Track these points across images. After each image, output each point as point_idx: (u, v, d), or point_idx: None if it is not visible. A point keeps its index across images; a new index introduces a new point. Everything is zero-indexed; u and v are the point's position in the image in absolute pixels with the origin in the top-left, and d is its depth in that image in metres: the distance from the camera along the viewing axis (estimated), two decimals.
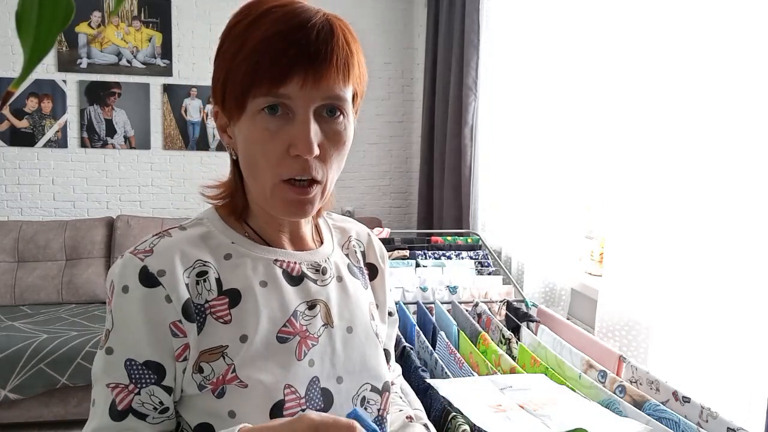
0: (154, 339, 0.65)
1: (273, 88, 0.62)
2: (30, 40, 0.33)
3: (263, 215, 0.74)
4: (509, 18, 2.47)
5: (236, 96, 0.64)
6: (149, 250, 0.67)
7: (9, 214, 3.55)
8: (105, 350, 0.66)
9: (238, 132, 0.67)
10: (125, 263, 0.66)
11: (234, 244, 0.72)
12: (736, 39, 1.30)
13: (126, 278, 0.65)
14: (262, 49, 0.61)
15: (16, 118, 3.49)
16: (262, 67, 0.61)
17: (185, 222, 0.74)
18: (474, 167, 2.77)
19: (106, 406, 0.65)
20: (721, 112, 1.34)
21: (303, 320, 0.72)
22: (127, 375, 0.65)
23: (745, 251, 1.31)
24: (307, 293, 0.74)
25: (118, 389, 0.65)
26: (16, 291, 3.18)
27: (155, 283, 0.65)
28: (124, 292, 0.65)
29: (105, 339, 0.67)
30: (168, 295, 0.65)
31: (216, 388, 0.66)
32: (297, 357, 0.69)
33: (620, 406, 1.11)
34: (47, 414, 2.64)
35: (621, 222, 1.66)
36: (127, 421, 0.65)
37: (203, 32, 3.66)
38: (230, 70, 0.64)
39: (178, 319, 0.65)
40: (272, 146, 0.64)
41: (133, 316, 0.65)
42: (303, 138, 0.63)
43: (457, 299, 1.84)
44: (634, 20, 1.61)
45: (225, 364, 0.66)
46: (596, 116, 1.95)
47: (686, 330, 1.46)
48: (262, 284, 0.71)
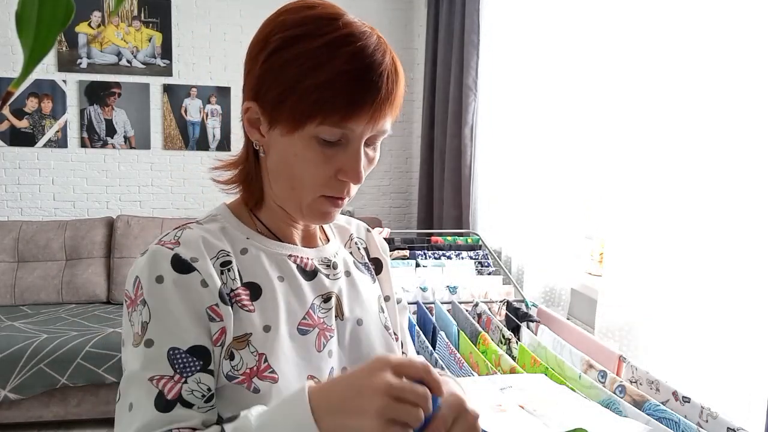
0: (197, 323, 0.65)
1: (342, 121, 0.64)
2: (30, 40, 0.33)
3: (278, 212, 0.76)
4: (509, 18, 2.47)
5: (298, 115, 0.65)
6: (175, 241, 0.68)
7: (9, 214, 3.55)
8: (144, 344, 0.64)
9: (286, 143, 0.68)
10: (154, 255, 0.66)
11: (249, 239, 0.74)
12: (735, 39, 1.30)
13: (158, 268, 0.65)
14: (340, 85, 0.63)
15: (16, 118, 3.49)
16: (338, 101, 0.63)
17: (200, 218, 0.75)
18: (474, 167, 2.77)
19: (150, 400, 0.62)
20: (720, 113, 1.34)
21: (320, 313, 0.75)
22: (171, 365, 0.64)
23: (744, 251, 1.31)
24: (322, 287, 0.76)
25: (164, 380, 0.63)
26: (16, 291, 3.18)
27: (190, 269, 0.66)
28: (159, 282, 0.65)
29: (141, 333, 0.64)
30: (203, 280, 0.66)
31: (249, 382, 0.67)
32: (317, 348, 0.73)
33: (620, 406, 1.11)
34: (47, 414, 2.64)
35: (621, 222, 1.66)
36: (176, 410, 0.63)
37: (203, 32, 3.65)
38: (295, 88, 0.64)
39: (215, 303, 0.66)
40: (323, 170, 0.68)
41: (173, 303, 0.65)
42: (355, 168, 0.67)
43: (457, 299, 1.84)
44: (633, 20, 1.61)
45: (251, 354, 0.68)
46: (596, 116, 1.95)
47: (686, 330, 1.46)
48: (279, 279, 0.73)
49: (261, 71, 0.67)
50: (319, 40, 0.64)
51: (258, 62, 0.68)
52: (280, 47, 0.66)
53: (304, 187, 0.69)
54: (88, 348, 2.59)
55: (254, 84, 0.68)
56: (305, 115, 0.64)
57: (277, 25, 0.67)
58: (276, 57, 0.66)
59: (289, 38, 0.66)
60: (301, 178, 0.69)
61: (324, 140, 0.66)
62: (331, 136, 0.66)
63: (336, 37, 0.64)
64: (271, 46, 0.66)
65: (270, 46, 0.67)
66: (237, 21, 3.67)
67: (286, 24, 0.67)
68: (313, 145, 0.66)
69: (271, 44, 0.67)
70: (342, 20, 0.66)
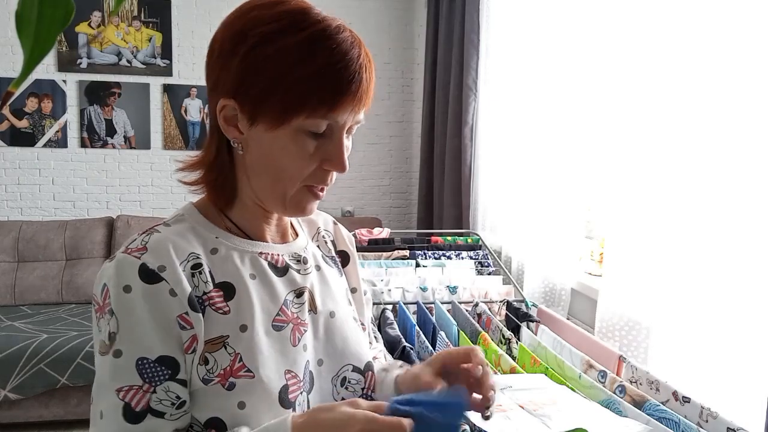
0: (165, 333, 0.65)
1: (328, 112, 0.66)
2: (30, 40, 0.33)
3: (252, 209, 0.76)
4: (509, 18, 2.47)
5: (284, 110, 0.66)
6: (142, 248, 0.67)
7: (9, 214, 3.55)
8: (112, 354, 0.64)
9: (270, 138, 0.68)
10: (121, 263, 0.66)
11: (218, 238, 0.73)
12: (735, 39, 1.30)
13: (125, 278, 0.65)
14: (325, 78, 0.65)
15: (16, 118, 3.49)
16: (324, 94, 0.65)
17: (167, 219, 0.75)
18: (474, 167, 2.76)
19: (118, 413, 0.64)
20: (720, 113, 1.34)
21: (293, 308, 0.75)
22: (140, 375, 0.64)
23: (744, 251, 1.31)
24: (293, 282, 0.77)
25: (132, 392, 0.64)
26: (16, 291, 3.18)
27: (157, 278, 0.65)
28: (126, 291, 0.64)
29: (109, 343, 0.65)
30: (172, 289, 0.66)
31: (225, 381, 0.67)
32: (292, 343, 0.73)
33: (620, 406, 1.11)
34: (47, 414, 2.64)
35: (621, 222, 1.66)
36: (146, 421, 0.64)
37: (203, 32, 3.66)
38: (280, 83, 0.65)
39: (185, 312, 0.66)
40: (308, 162, 0.69)
41: (140, 314, 0.64)
42: (339, 159, 0.70)
43: (457, 299, 1.84)
44: (634, 21, 1.61)
45: (227, 355, 0.68)
46: (596, 116, 1.95)
47: (686, 330, 1.46)
48: (251, 277, 0.73)
49: (240, 67, 0.67)
50: (299, 35, 0.65)
51: (235, 59, 0.67)
52: (260, 43, 0.66)
53: (288, 179, 0.70)
54: (88, 348, 2.59)
55: (233, 80, 0.67)
56: (292, 109, 0.66)
57: (251, 21, 0.67)
58: (256, 53, 0.66)
59: (267, 34, 0.66)
60: (287, 170, 0.69)
61: (311, 132, 0.68)
62: (318, 128, 0.67)
63: (314, 32, 0.66)
64: (249, 42, 0.66)
65: (247, 42, 0.66)
66: None
67: (262, 20, 0.67)
68: (300, 137, 0.68)
69: (248, 40, 0.66)
70: (315, 14, 0.67)
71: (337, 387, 0.79)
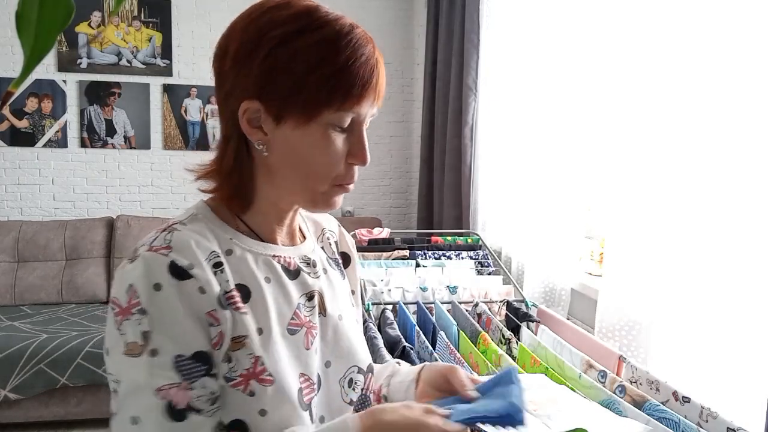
0: (197, 329, 0.66)
1: (355, 105, 0.69)
2: (30, 40, 0.33)
3: (266, 212, 0.76)
4: (509, 18, 2.47)
5: (314, 104, 0.68)
6: (167, 246, 0.67)
7: (9, 214, 3.55)
8: (148, 354, 0.63)
9: (299, 135, 0.69)
10: (148, 262, 0.65)
11: (232, 239, 0.73)
12: (735, 39, 1.30)
13: (155, 276, 0.64)
14: (350, 72, 0.68)
15: (16, 118, 3.49)
16: (352, 86, 0.68)
17: (182, 217, 0.74)
18: (474, 167, 2.76)
19: (159, 413, 0.62)
20: (720, 113, 1.34)
21: (305, 311, 0.77)
22: (178, 373, 0.64)
23: (744, 251, 1.31)
24: (305, 285, 0.78)
25: (173, 389, 0.63)
26: (16, 291, 3.18)
27: (187, 276, 0.66)
28: (157, 289, 0.64)
29: (143, 343, 0.63)
30: (201, 287, 0.66)
31: (246, 385, 0.68)
32: (305, 346, 0.75)
33: (620, 406, 1.11)
34: (47, 414, 2.64)
35: (621, 222, 1.66)
36: (189, 419, 0.64)
37: (203, 32, 3.66)
38: (307, 79, 0.67)
39: (213, 309, 0.67)
40: (337, 156, 0.71)
41: (174, 311, 0.64)
42: (363, 151, 0.73)
43: (457, 299, 1.84)
44: (634, 21, 1.61)
45: (247, 356, 0.68)
46: (596, 116, 1.95)
47: (686, 330, 1.46)
48: (266, 280, 0.74)
49: (263, 68, 0.67)
50: (318, 33, 0.68)
51: (255, 60, 0.68)
52: (280, 44, 0.67)
53: (319, 176, 0.72)
54: (88, 348, 2.59)
55: (256, 82, 0.68)
56: (321, 104, 0.68)
57: (267, 24, 0.68)
58: (278, 53, 0.67)
59: (287, 34, 0.67)
60: (317, 167, 0.71)
61: (338, 126, 0.70)
62: (344, 122, 0.70)
63: (332, 30, 0.69)
64: (268, 44, 0.67)
65: (269, 44, 0.67)
66: None
67: (278, 21, 0.68)
68: (328, 132, 0.70)
69: (268, 41, 0.67)
70: (327, 13, 0.70)
71: (345, 388, 0.80)
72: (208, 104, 3.67)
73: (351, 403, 0.80)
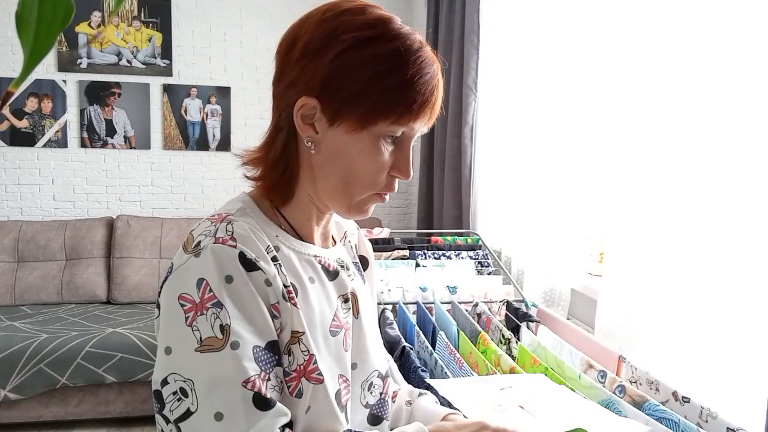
0: (268, 318, 0.66)
1: (411, 120, 0.70)
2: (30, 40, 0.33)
3: (305, 209, 0.76)
4: (509, 18, 2.47)
5: (373, 113, 0.68)
6: (232, 237, 0.66)
7: (9, 214, 3.55)
8: (230, 347, 0.62)
9: (350, 140, 0.70)
10: (218, 254, 0.64)
11: (278, 237, 0.73)
12: (735, 39, 1.30)
13: (226, 268, 0.64)
14: (415, 88, 0.68)
15: (16, 118, 3.49)
16: (413, 103, 0.69)
17: (229, 209, 0.73)
18: (474, 167, 2.76)
19: (248, 404, 0.62)
20: (720, 113, 1.34)
21: (342, 313, 0.77)
22: (257, 364, 0.64)
23: (744, 251, 1.31)
24: (342, 287, 0.79)
25: (259, 380, 0.63)
26: (16, 291, 3.18)
27: (255, 267, 0.66)
28: (229, 281, 0.64)
29: (223, 337, 0.62)
30: (267, 279, 0.67)
31: (297, 382, 0.69)
32: (344, 348, 0.76)
33: (620, 406, 1.11)
34: (47, 414, 2.64)
35: (621, 222, 1.66)
36: (275, 407, 0.64)
37: (203, 32, 3.66)
38: (372, 87, 0.67)
39: (277, 301, 0.68)
40: (381, 166, 0.72)
41: (248, 301, 0.65)
42: (407, 166, 0.73)
43: (457, 299, 1.84)
44: (633, 21, 1.61)
45: (302, 352, 0.69)
46: (596, 116, 1.95)
47: (686, 330, 1.46)
48: (311, 280, 0.74)
49: (330, 68, 0.68)
50: (391, 44, 0.68)
51: (324, 59, 0.68)
52: (353, 47, 0.67)
53: (358, 183, 0.72)
54: (88, 348, 2.59)
55: (320, 80, 0.68)
56: (380, 114, 0.68)
57: (343, 24, 0.69)
58: (349, 56, 0.67)
59: (361, 39, 0.68)
60: (360, 174, 0.71)
61: (389, 137, 0.71)
62: (396, 134, 0.71)
63: (404, 43, 0.69)
64: (342, 45, 0.67)
65: (341, 45, 0.67)
66: (237, 21, 3.67)
67: (355, 25, 0.68)
68: (379, 142, 0.70)
69: (341, 43, 0.67)
70: (400, 26, 0.71)
71: (365, 391, 0.81)
72: (208, 104, 3.68)
73: (367, 406, 0.81)
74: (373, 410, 0.82)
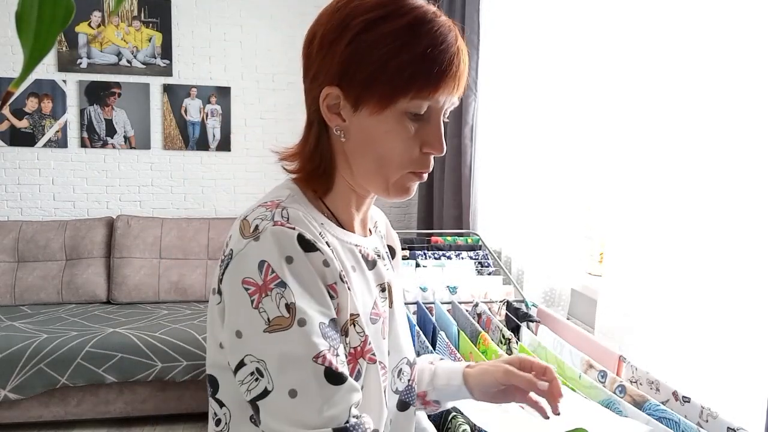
0: (328, 297, 0.68)
1: (432, 93, 0.68)
2: (30, 40, 0.33)
3: (345, 197, 0.77)
4: (509, 18, 2.47)
5: (391, 91, 0.68)
6: (288, 220, 0.68)
7: (9, 214, 3.55)
8: (297, 324, 0.63)
9: (374, 122, 0.70)
10: (277, 236, 0.65)
11: (323, 224, 0.74)
12: (735, 39, 1.30)
13: (285, 249, 0.65)
14: (430, 60, 0.67)
15: (16, 118, 3.49)
16: (430, 75, 0.67)
17: (279, 196, 0.73)
18: (474, 167, 2.77)
19: (320, 379, 0.62)
20: (720, 113, 1.34)
21: (380, 302, 0.79)
22: (325, 339, 0.65)
23: (745, 251, 1.31)
24: (380, 276, 0.80)
25: (328, 355, 0.64)
26: (16, 291, 3.18)
27: (314, 248, 0.67)
28: (289, 262, 0.65)
29: (290, 315, 0.63)
30: (325, 260, 0.68)
31: (354, 366, 0.70)
32: (382, 336, 0.77)
33: (620, 406, 1.11)
34: (47, 414, 2.64)
35: (621, 222, 1.66)
36: (347, 382, 0.64)
37: (203, 32, 3.65)
38: (386, 66, 0.67)
39: (335, 282, 0.68)
40: (410, 144, 0.71)
41: (310, 280, 0.66)
42: (438, 140, 0.71)
43: (457, 299, 1.84)
44: (633, 21, 1.61)
45: (358, 333, 0.71)
46: (596, 116, 1.95)
47: (686, 330, 1.46)
48: (353, 268, 0.75)
49: (345, 55, 0.68)
50: (401, 20, 0.68)
51: (339, 47, 0.69)
52: (364, 30, 0.68)
53: (392, 163, 0.71)
54: (88, 348, 2.59)
55: (338, 68, 0.69)
56: (399, 91, 0.67)
57: (354, 9, 0.69)
58: (362, 39, 0.68)
59: (371, 20, 0.68)
60: (390, 154, 0.71)
61: (414, 114, 0.69)
62: (420, 110, 0.69)
63: (416, 16, 0.68)
64: (353, 30, 0.68)
65: (352, 30, 0.68)
66: (237, 21, 3.67)
67: (365, 7, 0.69)
68: (404, 120, 0.69)
69: (352, 28, 0.68)
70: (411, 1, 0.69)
71: (395, 378, 0.82)
72: (207, 104, 3.67)
73: (397, 392, 0.82)
74: (402, 396, 0.83)
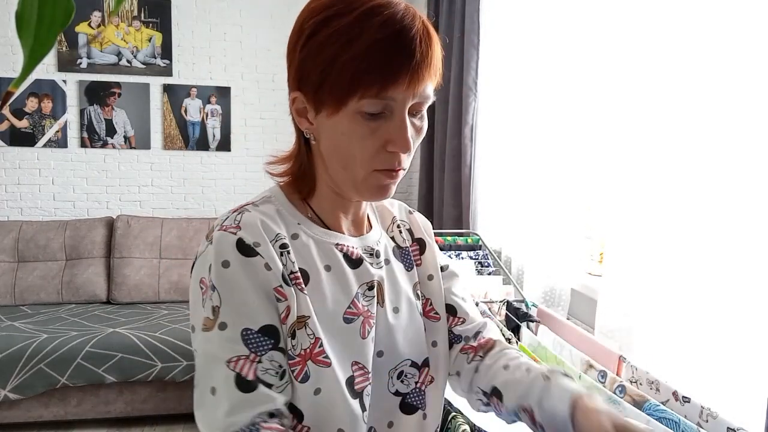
0: (265, 303, 0.67)
1: (381, 90, 0.65)
2: (30, 40, 0.33)
3: (329, 198, 0.77)
4: (509, 18, 2.47)
5: (339, 93, 0.65)
6: (236, 225, 0.69)
7: (9, 214, 3.55)
8: (218, 327, 0.66)
9: (332, 124, 0.69)
10: (218, 241, 0.68)
11: (299, 225, 0.75)
12: (735, 39, 1.30)
13: (223, 253, 0.67)
14: (373, 53, 0.64)
15: (16, 118, 3.49)
16: (374, 71, 0.64)
17: (255, 199, 0.76)
18: (474, 167, 2.76)
19: (230, 384, 0.64)
20: (720, 113, 1.34)
21: (364, 301, 0.77)
22: (246, 346, 0.66)
23: (744, 251, 1.31)
24: (366, 275, 0.78)
25: (241, 361, 0.65)
26: (16, 291, 3.18)
27: (254, 253, 0.67)
28: (225, 266, 0.66)
29: (213, 317, 0.66)
30: (267, 264, 0.68)
31: (303, 365, 0.69)
32: (362, 336, 0.75)
33: (620, 406, 1.11)
34: (47, 414, 2.64)
35: (621, 222, 1.66)
36: (259, 390, 0.65)
37: (203, 32, 3.65)
38: (332, 67, 0.65)
39: (279, 285, 0.69)
40: (370, 143, 0.68)
41: (241, 285, 0.66)
42: (402, 137, 0.68)
43: None
44: (633, 21, 1.61)
45: (308, 336, 0.70)
46: (596, 116, 1.95)
47: (686, 330, 1.46)
48: (326, 268, 0.75)
49: (300, 59, 0.68)
50: (350, 16, 0.65)
51: (297, 51, 0.69)
52: (315, 31, 0.67)
53: (355, 164, 0.70)
54: (88, 348, 2.59)
55: (296, 74, 0.70)
56: (345, 92, 0.65)
57: (309, 12, 0.69)
58: (312, 41, 0.67)
59: (321, 21, 0.67)
60: (351, 155, 0.69)
61: (368, 113, 0.66)
62: (374, 108, 0.66)
63: (365, 9, 0.65)
64: (306, 33, 0.68)
65: (305, 33, 0.68)
66: (237, 21, 3.67)
67: (316, 10, 0.68)
68: (357, 120, 0.67)
69: (305, 31, 0.68)
70: None
71: (393, 379, 0.80)
72: (207, 104, 3.67)
73: (397, 394, 0.81)
74: (406, 399, 0.81)
